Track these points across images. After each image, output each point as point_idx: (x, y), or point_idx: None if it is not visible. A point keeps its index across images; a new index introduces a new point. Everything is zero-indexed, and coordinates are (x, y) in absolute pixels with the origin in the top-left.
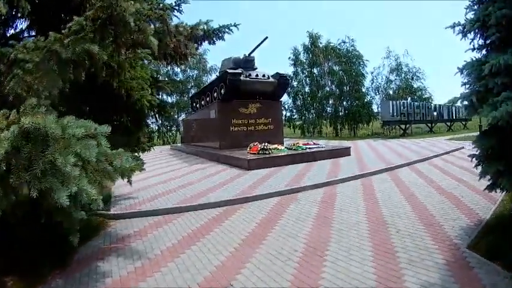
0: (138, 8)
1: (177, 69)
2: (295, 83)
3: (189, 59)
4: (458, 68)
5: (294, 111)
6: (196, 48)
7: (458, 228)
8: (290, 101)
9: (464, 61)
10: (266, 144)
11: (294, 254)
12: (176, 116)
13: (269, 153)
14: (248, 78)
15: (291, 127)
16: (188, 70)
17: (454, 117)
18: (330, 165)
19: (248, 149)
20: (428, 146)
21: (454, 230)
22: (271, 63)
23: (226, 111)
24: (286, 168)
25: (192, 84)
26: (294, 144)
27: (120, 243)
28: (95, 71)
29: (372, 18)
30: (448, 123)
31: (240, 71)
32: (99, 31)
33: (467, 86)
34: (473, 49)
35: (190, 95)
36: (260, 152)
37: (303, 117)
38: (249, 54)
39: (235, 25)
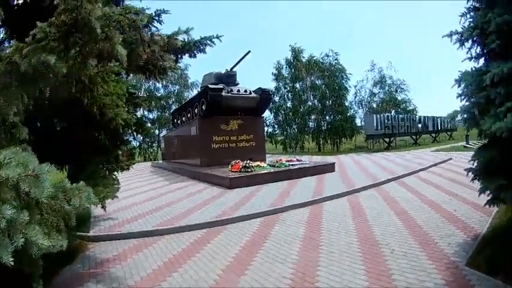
0: (107, 13)
1: (159, 85)
2: (277, 98)
3: (169, 73)
4: (455, 79)
5: (276, 126)
6: (176, 62)
7: (455, 244)
8: (272, 116)
9: (459, 71)
10: (248, 161)
11: (282, 281)
12: (157, 132)
13: (251, 171)
14: (230, 94)
15: (273, 143)
16: (170, 85)
17: (439, 128)
18: (314, 183)
19: (230, 167)
20: (414, 159)
21: (450, 246)
22: (254, 78)
23: (207, 128)
24: (269, 186)
25: (174, 99)
26: (276, 161)
27: (99, 268)
28: (59, 86)
29: (359, 29)
30: (433, 135)
31: (222, 86)
32: (63, 39)
33: (463, 97)
34: (471, 58)
35: (171, 111)
36: (242, 169)
37: (285, 133)
38: (231, 69)
39: (217, 37)
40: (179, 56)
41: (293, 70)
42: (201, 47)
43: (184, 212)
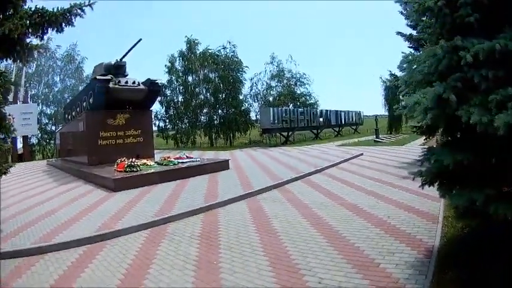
0: None
1: (56, 78)
2: (168, 92)
3: (36, 54)
4: (404, 56)
5: (167, 121)
6: (41, 38)
7: (404, 265)
8: (163, 110)
9: (403, 52)
10: (133, 160)
11: None
12: (54, 128)
13: (137, 170)
14: (117, 86)
15: (164, 138)
16: (67, 79)
17: (343, 122)
18: (207, 183)
19: (115, 166)
20: (320, 154)
21: (399, 268)
22: (151, 72)
23: (94, 123)
24: (157, 187)
25: (69, 94)
26: (164, 159)
27: None
28: None
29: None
30: (337, 129)
31: (109, 77)
32: None
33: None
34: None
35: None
36: (127, 169)
37: (176, 128)
38: (121, 59)
39: (89, 4)
40: (45, 31)
41: (186, 63)
42: (69, 17)
43: (64, 223)
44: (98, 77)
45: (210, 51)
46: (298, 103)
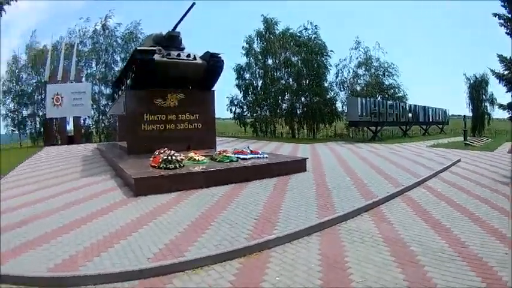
0: None
1: (117, 58)
2: (247, 75)
3: None
4: None
5: (245, 107)
6: None
7: None
8: (241, 95)
9: None
10: (173, 152)
11: None
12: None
13: (175, 167)
14: (165, 59)
15: (241, 125)
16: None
17: (430, 120)
18: (268, 194)
19: (151, 159)
20: (413, 157)
21: None
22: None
23: (137, 104)
24: (195, 195)
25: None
26: (219, 153)
27: None
28: None
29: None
30: (424, 127)
31: (154, 49)
32: None
33: None
34: None
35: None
36: (161, 165)
37: (255, 115)
38: (174, 29)
39: None
40: None
41: (265, 44)
42: None
43: (27, 243)
44: (138, 48)
45: (290, 31)
46: (387, 95)
